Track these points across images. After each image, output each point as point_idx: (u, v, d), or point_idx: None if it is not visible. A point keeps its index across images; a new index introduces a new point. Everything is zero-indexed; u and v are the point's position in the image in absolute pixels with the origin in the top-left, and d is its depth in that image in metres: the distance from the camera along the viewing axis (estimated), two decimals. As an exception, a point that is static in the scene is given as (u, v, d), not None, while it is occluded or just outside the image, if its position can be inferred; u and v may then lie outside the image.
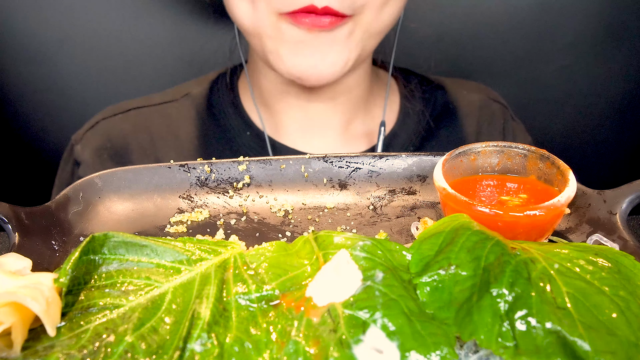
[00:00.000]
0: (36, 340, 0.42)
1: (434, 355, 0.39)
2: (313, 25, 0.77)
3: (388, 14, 0.83)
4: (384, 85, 1.03)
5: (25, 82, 1.26)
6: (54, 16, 1.20)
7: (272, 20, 0.79)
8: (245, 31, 0.85)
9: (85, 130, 1.00)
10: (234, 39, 0.97)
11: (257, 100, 0.98)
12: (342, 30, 0.79)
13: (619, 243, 0.55)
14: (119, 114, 1.00)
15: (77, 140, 0.99)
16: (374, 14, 0.80)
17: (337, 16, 0.77)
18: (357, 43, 0.82)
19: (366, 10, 0.79)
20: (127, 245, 0.49)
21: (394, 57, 0.98)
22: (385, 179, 0.71)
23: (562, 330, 0.39)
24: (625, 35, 1.28)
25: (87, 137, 0.98)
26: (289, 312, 0.45)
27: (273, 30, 0.80)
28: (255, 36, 0.83)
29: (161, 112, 1.00)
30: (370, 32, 0.83)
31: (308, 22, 0.77)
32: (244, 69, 0.99)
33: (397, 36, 0.94)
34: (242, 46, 0.97)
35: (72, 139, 1.01)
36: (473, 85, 1.11)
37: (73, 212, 0.64)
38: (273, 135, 0.97)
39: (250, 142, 0.97)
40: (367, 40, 0.84)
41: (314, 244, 0.51)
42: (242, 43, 0.97)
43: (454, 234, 0.49)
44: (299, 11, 0.76)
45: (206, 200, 0.69)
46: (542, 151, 0.62)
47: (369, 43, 0.85)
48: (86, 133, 0.99)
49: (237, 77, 1.02)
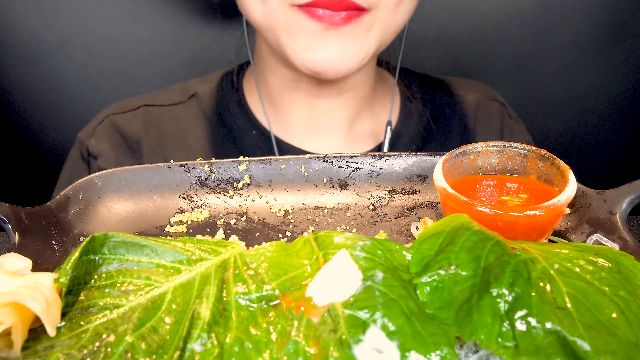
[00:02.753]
0: (36, 340, 0.42)
1: (434, 355, 0.39)
2: (329, 23, 0.77)
3: (405, 9, 0.83)
4: (387, 86, 1.03)
5: (26, 82, 1.26)
6: (54, 16, 1.20)
7: (286, 13, 0.79)
8: (259, 26, 0.84)
9: (94, 126, 0.99)
10: (240, 37, 0.97)
11: (263, 98, 0.98)
12: (361, 25, 0.79)
13: (619, 243, 0.55)
14: (129, 111, 1.00)
15: (89, 136, 0.98)
16: (391, 9, 0.80)
17: (352, 9, 0.77)
18: (375, 38, 0.82)
19: (382, 5, 0.79)
20: (127, 245, 0.49)
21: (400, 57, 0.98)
22: (385, 179, 0.71)
23: (562, 330, 0.39)
24: (625, 35, 1.28)
25: (99, 131, 0.98)
26: (289, 312, 0.45)
27: (287, 23, 0.79)
28: (269, 30, 0.82)
29: (170, 113, 1.01)
30: (389, 28, 0.83)
31: (323, 16, 0.76)
32: (251, 66, 0.99)
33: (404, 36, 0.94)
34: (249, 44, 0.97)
35: (79, 136, 1.00)
36: (471, 84, 1.11)
37: (73, 212, 0.64)
38: (279, 134, 0.97)
39: (256, 141, 0.97)
40: (385, 36, 0.84)
41: (314, 244, 0.51)
42: (250, 41, 0.97)
43: (454, 234, 0.49)
44: (312, 4, 0.76)
45: (206, 200, 0.69)
46: (542, 151, 0.62)
47: (386, 39, 0.85)
48: (96, 128, 0.98)
49: (242, 76, 1.02)
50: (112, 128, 0.99)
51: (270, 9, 0.80)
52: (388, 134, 0.93)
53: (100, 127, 0.99)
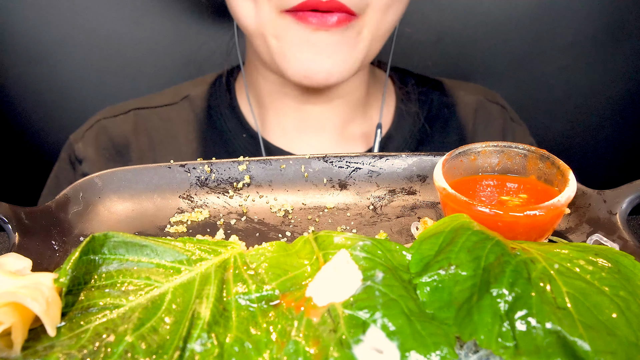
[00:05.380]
0: (36, 340, 0.42)
1: (434, 355, 0.39)
2: (319, 25, 0.76)
3: (393, 14, 0.82)
4: (381, 87, 1.02)
5: (25, 82, 1.26)
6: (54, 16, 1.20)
7: (275, 19, 0.78)
8: (249, 32, 0.84)
9: (85, 130, 1.00)
10: (231, 39, 0.97)
11: (254, 101, 0.98)
12: (351, 31, 0.78)
13: (619, 243, 0.55)
14: (119, 115, 1.00)
15: (77, 139, 0.99)
16: (380, 14, 0.80)
17: (343, 12, 0.76)
18: (365, 44, 0.81)
19: (371, 10, 0.78)
20: (127, 245, 0.49)
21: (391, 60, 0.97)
22: (385, 179, 0.71)
23: (562, 330, 0.39)
24: (625, 35, 1.28)
25: (87, 136, 0.98)
26: (289, 312, 0.45)
27: (277, 29, 0.78)
28: (259, 37, 0.82)
29: (161, 115, 1.00)
30: (378, 33, 0.82)
31: (314, 21, 0.75)
32: (242, 70, 0.99)
33: (395, 38, 0.94)
34: (239, 47, 0.97)
35: (70, 139, 1.00)
36: (471, 87, 1.10)
37: (73, 212, 0.64)
38: (269, 137, 0.97)
39: (246, 144, 0.97)
40: (374, 42, 0.83)
41: (314, 244, 0.51)
42: (240, 44, 0.97)
43: (454, 234, 0.49)
44: (302, 7, 0.75)
45: (206, 200, 0.69)
46: (542, 151, 0.62)
47: (376, 45, 0.84)
48: (86, 132, 0.99)
49: (235, 79, 1.02)
50: (101, 132, 0.99)
51: (261, 14, 0.79)
52: (378, 137, 0.92)
53: (89, 131, 0.99)
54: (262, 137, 0.95)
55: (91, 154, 0.97)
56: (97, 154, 0.97)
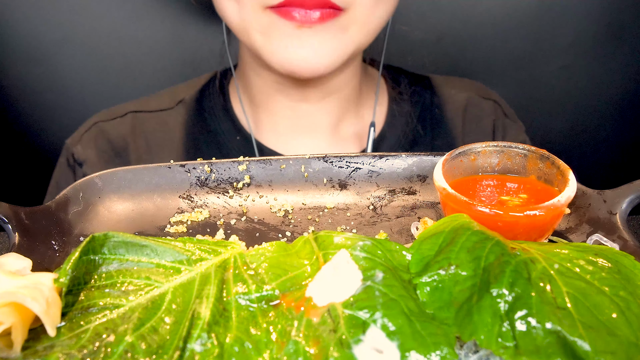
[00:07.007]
0: (36, 340, 0.42)
1: (434, 355, 0.39)
2: (303, 22, 0.76)
3: (383, 9, 0.82)
4: (374, 85, 1.02)
5: (25, 82, 1.26)
6: (54, 16, 1.20)
7: (260, 15, 0.78)
8: (234, 29, 0.84)
9: (82, 133, 1.00)
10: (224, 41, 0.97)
11: (247, 102, 0.97)
12: (336, 24, 0.78)
13: (619, 243, 0.55)
14: (116, 118, 1.00)
15: (75, 143, 0.99)
16: (367, 8, 0.79)
17: (328, 7, 0.76)
18: (353, 38, 0.81)
19: (358, 5, 0.78)
20: (127, 245, 0.49)
21: (383, 58, 0.97)
22: (385, 179, 0.71)
23: (562, 330, 0.39)
24: (625, 35, 1.28)
25: (85, 139, 0.99)
26: (289, 312, 0.45)
27: (261, 25, 0.79)
28: (244, 33, 0.82)
29: (158, 119, 1.00)
30: (365, 28, 0.81)
31: (298, 17, 0.75)
32: (233, 71, 0.99)
33: (387, 36, 0.93)
34: (231, 48, 0.97)
35: (67, 143, 1.01)
36: (464, 83, 1.09)
37: (73, 212, 0.64)
38: (262, 139, 0.97)
39: (239, 146, 0.97)
40: (363, 36, 0.82)
41: (314, 244, 0.51)
42: (232, 45, 0.97)
43: (454, 234, 0.49)
44: (286, 4, 0.75)
45: (206, 200, 0.69)
46: (542, 151, 0.62)
47: (365, 39, 0.84)
48: (84, 135, 0.99)
49: (228, 81, 1.02)
50: (99, 135, 0.99)
51: (245, 11, 0.79)
52: (371, 136, 0.91)
53: (87, 134, 0.99)
54: (255, 139, 0.95)
55: (91, 156, 0.97)
56: (97, 156, 0.97)
